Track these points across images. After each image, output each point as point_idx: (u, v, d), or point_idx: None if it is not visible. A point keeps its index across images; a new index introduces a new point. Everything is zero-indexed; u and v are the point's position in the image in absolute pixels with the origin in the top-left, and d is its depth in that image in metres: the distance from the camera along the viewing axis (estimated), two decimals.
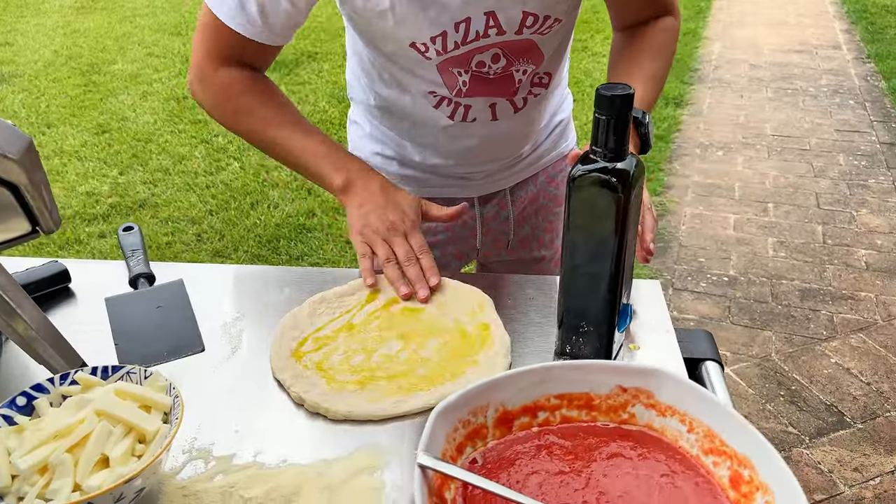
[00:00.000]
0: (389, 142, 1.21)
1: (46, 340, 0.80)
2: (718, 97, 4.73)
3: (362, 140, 1.26)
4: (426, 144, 1.18)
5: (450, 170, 1.20)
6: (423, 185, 1.23)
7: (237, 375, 0.86)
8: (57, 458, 0.64)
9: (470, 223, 1.27)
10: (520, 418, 0.71)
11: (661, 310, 0.96)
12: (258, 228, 3.35)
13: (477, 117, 1.11)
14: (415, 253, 0.99)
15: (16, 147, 0.70)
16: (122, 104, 4.70)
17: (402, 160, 1.22)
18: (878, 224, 3.27)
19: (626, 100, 0.72)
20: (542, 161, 1.28)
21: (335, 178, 1.03)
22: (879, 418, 2.21)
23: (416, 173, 1.22)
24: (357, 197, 1.03)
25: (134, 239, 1.08)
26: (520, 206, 1.29)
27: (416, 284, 0.97)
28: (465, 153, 1.17)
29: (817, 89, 4.84)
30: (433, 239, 1.26)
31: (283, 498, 0.69)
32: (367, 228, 1.00)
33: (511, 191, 1.27)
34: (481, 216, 1.26)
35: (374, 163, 1.24)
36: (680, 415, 0.69)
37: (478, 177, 1.22)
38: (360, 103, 1.23)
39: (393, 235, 0.99)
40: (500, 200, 1.27)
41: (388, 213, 1.00)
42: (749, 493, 0.62)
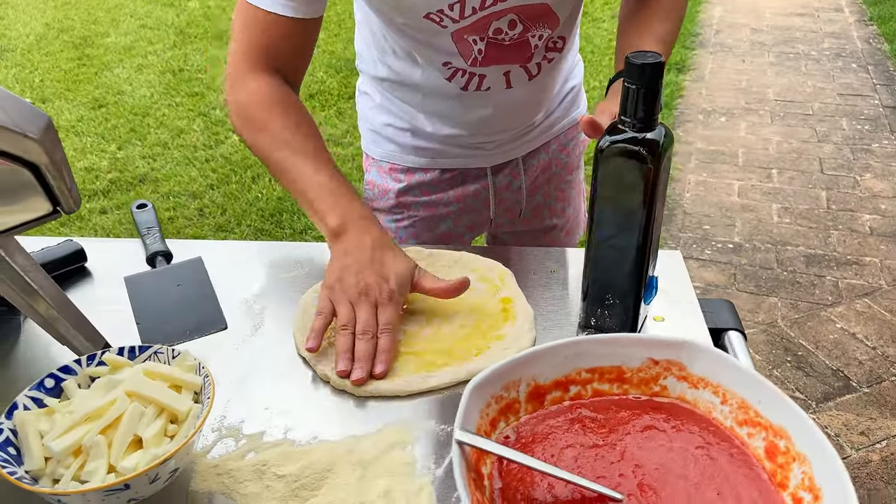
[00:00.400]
0: (401, 113, 1.20)
1: (68, 321, 0.79)
2: (720, 62, 4.69)
3: (372, 111, 1.24)
4: (439, 115, 1.16)
5: (463, 140, 1.19)
6: (436, 155, 1.21)
7: (262, 353, 0.86)
8: (90, 440, 0.64)
9: (483, 193, 1.26)
10: (551, 393, 0.71)
11: (684, 280, 0.96)
12: (260, 202, 3.34)
13: (491, 86, 1.10)
14: (375, 329, 0.85)
15: (35, 126, 0.68)
16: (118, 78, 4.65)
17: (414, 131, 1.20)
18: (882, 188, 3.26)
19: (657, 68, 0.71)
20: (554, 129, 1.27)
21: (330, 220, 0.93)
22: (885, 382, 2.23)
23: (429, 144, 1.21)
24: (345, 246, 0.91)
25: (148, 216, 1.07)
26: (532, 175, 1.28)
27: (357, 362, 0.82)
28: (478, 123, 1.16)
29: (819, 53, 4.79)
30: (446, 210, 1.26)
31: (317, 474, 0.69)
32: (337, 284, 0.88)
33: (523, 160, 1.26)
34: (494, 186, 1.25)
35: (386, 134, 1.22)
36: (713, 386, 0.69)
37: (490, 146, 1.21)
38: (370, 75, 1.21)
39: (363, 301, 0.86)
40: (513, 170, 1.26)
41: (367, 275, 0.87)
42: (785, 463, 0.62)
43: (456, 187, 1.25)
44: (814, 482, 0.59)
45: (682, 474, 0.63)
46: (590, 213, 0.81)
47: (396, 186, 1.24)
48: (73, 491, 0.60)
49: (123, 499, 0.63)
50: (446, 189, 1.24)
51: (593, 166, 0.77)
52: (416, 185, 1.24)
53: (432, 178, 1.23)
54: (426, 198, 1.25)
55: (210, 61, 4.91)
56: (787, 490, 0.61)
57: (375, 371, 0.81)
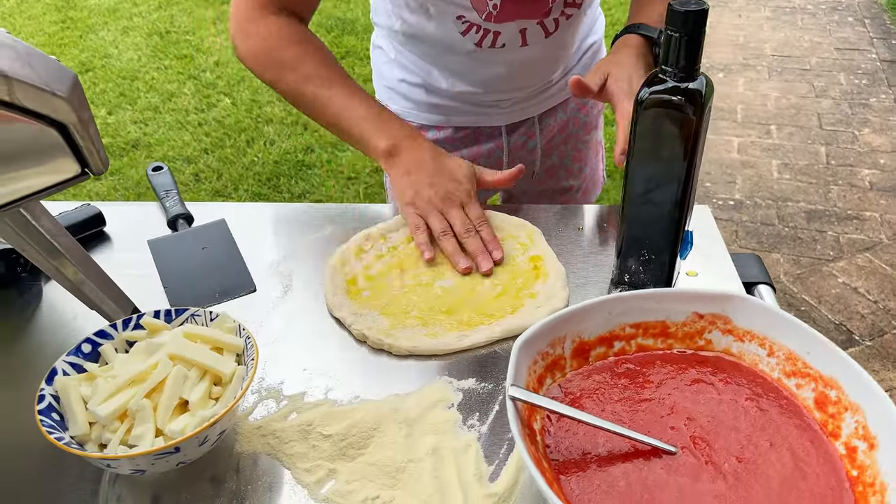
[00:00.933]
0: (415, 68, 1.17)
1: (96, 285, 0.78)
2: (717, 17, 4.64)
3: (386, 66, 1.22)
4: (453, 71, 1.14)
5: (478, 97, 1.17)
6: (450, 113, 1.19)
7: (294, 314, 0.85)
8: (136, 404, 0.63)
9: (497, 153, 1.24)
10: (596, 349, 0.71)
11: (715, 235, 0.95)
12: (256, 166, 3.29)
13: (506, 43, 1.07)
14: (473, 224, 0.92)
15: (63, 84, 0.66)
16: (103, 40, 4.54)
17: (428, 87, 1.18)
18: (880, 143, 3.26)
19: (701, 16, 0.69)
20: None
21: (380, 142, 0.96)
22: (887, 335, 2.25)
23: (443, 101, 1.18)
24: (404, 164, 0.96)
25: (165, 178, 1.05)
26: (548, 135, 1.26)
27: (476, 257, 0.90)
28: (493, 80, 1.14)
29: (815, 7, 4.74)
30: None
31: (363, 433, 0.68)
32: (419, 199, 0.93)
33: (539, 118, 1.23)
34: (508, 146, 1.24)
35: (400, 90, 1.20)
36: (759, 339, 0.69)
37: (506, 104, 1.19)
38: (384, 28, 1.18)
39: (448, 206, 0.93)
40: (528, 129, 1.24)
41: (442, 182, 0.94)
42: (837, 413, 0.62)
43: (470, 146, 1.22)
44: (868, 430, 0.59)
45: (734, 426, 0.63)
46: (626, 167, 0.80)
47: None
48: (123, 455, 0.59)
49: (173, 462, 0.63)
50: (460, 148, 1.22)
51: (632, 119, 0.76)
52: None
53: (446, 136, 1.21)
54: None
55: (197, 23, 4.80)
56: (840, 439, 0.61)
57: (495, 257, 0.90)
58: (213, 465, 0.68)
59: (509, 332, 0.81)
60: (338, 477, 0.66)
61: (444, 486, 0.64)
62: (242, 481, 0.66)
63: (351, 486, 0.64)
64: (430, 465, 0.65)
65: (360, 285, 0.88)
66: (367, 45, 4.61)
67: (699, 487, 0.59)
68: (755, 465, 0.60)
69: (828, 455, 0.61)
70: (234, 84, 3.98)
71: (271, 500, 0.65)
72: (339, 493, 0.64)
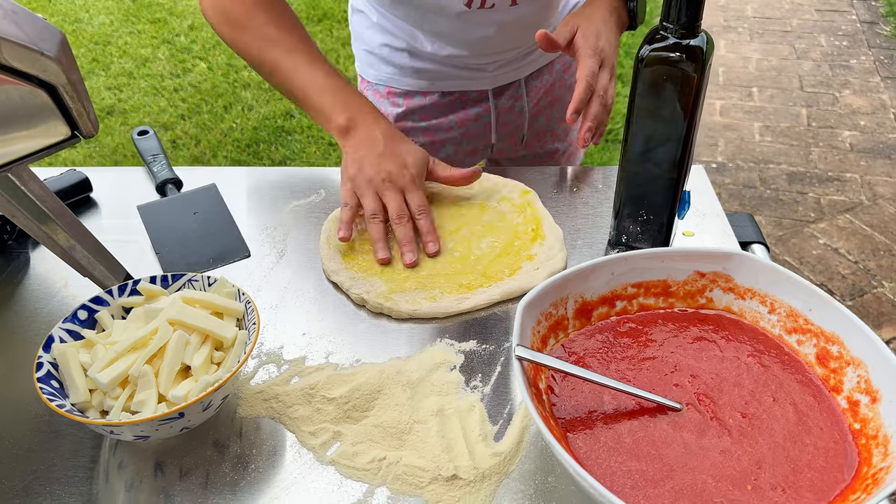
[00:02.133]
0: (399, 31, 1.14)
1: (87, 251, 0.76)
2: None
3: (368, 30, 1.18)
4: (439, 34, 1.11)
5: (463, 60, 1.14)
6: (435, 77, 1.17)
7: (290, 279, 0.84)
8: (138, 370, 0.62)
9: (484, 117, 1.22)
10: (598, 308, 0.71)
11: (710, 195, 0.95)
12: (235, 133, 3.24)
13: (496, 3, 1.05)
14: (410, 212, 0.87)
15: (51, 43, 0.64)
16: (73, 4, 4.41)
17: (412, 51, 1.15)
18: (860, 105, 3.28)
19: None
20: None
21: (337, 116, 0.92)
22: (867, 295, 2.29)
23: (427, 65, 1.16)
24: (356, 141, 0.91)
25: (151, 143, 1.03)
26: (535, 97, 1.24)
27: (403, 246, 0.85)
28: (480, 42, 1.12)
29: None
30: (447, 136, 1.22)
31: (367, 395, 0.68)
32: (359, 175, 0.88)
33: (526, 81, 1.21)
34: (496, 109, 1.22)
35: (382, 54, 1.17)
36: (760, 296, 0.69)
37: (492, 67, 1.17)
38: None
39: (387, 189, 0.87)
40: (515, 92, 1.22)
41: (386, 162, 0.89)
42: (839, 368, 0.63)
43: (457, 111, 1.20)
44: (871, 384, 0.60)
45: (737, 382, 0.64)
46: (626, 126, 0.79)
47: (394, 111, 1.20)
48: (127, 421, 0.59)
49: (177, 427, 0.62)
50: (446, 114, 1.20)
51: (632, 77, 0.75)
52: (415, 109, 1.19)
53: (431, 101, 1.19)
54: (425, 123, 1.20)
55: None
56: (842, 394, 0.62)
57: (429, 251, 0.86)
58: (216, 430, 0.67)
59: (508, 295, 0.81)
60: (343, 439, 0.65)
61: (450, 445, 0.64)
62: (246, 445, 0.66)
63: (356, 448, 0.64)
64: (435, 426, 0.65)
65: (356, 249, 0.87)
66: (345, 7, 4.52)
67: (704, 443, 0.59)
68: (759, 420, 0.61)
69: (830, 409, 0.62)
70: (209, 48, 3.90)
71: (276, 463, 0.65)
72: (346, 454, 0.64)
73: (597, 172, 1.01)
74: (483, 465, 0.62)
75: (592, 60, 0.90)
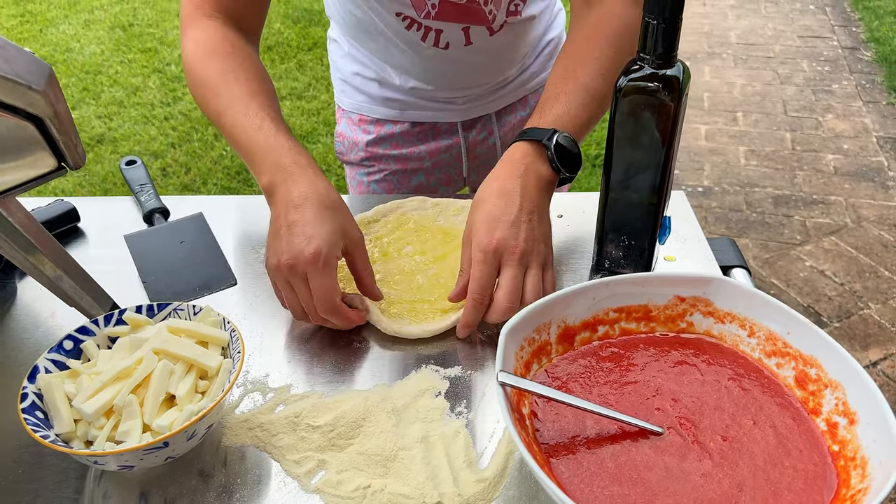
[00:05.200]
0: (368, 62, 1.15)
1: (74, 281, 0.77)
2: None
3: (342, 59, 1.20)
4: (403, 67, 1.12)
5: (430, 93, 1.14)
6: (405, 107, 1.17)
7: (276, 307, 0.84)
8: (123, 400, 0.62)
9: (455, 149, 1.22)
10: (581, 333, 0.71)
11: (691, 220, 0.97)
12: (225, 160, 3.26)
13: (450, 42, 1.05)
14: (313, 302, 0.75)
15: (39, 77, 0.65)
16: (64, 34, 4.44)
17: (381, 81, 1.16)
18: (843, 129, 3.33)
19: (677, 2, 0.70)
20: (530, 84, 1.21)
21: (261, 178, 0.81)
22: (854, 317, 2.31)
23: (397, 95, 1.16)
24: (274, 209, 0.79)
25: (139, 172, 1.04)
26: (507, 131, 1.23)
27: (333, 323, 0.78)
28: (443, 78, 1.12)
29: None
30: (418, 165, 1.22)
31: (352, 423, 0.68)
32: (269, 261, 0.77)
33: (497, 115, 1.21)
34: (465, 142, 1.21)
35: (355, 83, 1.18)
36: (740, 320, 0.70)
37: (460, 101, 1.16)
38: (337, 21, 1.16)
39: (292, 276, 0.75)
40: (486, 125, 1.21)
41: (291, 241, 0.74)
42: (817, 390, 0.64)
43: (428, 142, 1.21)
44: (848, 406, 0.61)
45: (718, 406, 0.65)
46: (606, 155, 0.80)
47: (366, 138, 1.20)
48: (112, 451, 0.59)
49: (161, 457, 0.62)
50: (417, 143, 1.21)
51: (611, 107, 0.77)
52: (386, 137, 1.20)
53: (402, 130, 1.19)
54: (396, 151, 1.21)
55: (161, 15, 4.72)
56: (821, 416, 0.63)
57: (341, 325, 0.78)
58: (201, 460, 0.67)
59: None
60: (328, 467, 0.66)
61: (435, 472, 0.64)
62: (231, 475, 0.66)
63: (341, 476, 0.65)
64: (420, 453, 0.66)
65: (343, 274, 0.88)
66: None
67: (686, 466, 0.60)
68: (740, 443, 0.61)
69: (809, 431, 0.62)
70: None
71: (261, 492, 0.65)
72: (330, 483, 0.64)
73: (580, 199, 1.03)
74: (467, 491, 0.63)
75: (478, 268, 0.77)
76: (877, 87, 3.68)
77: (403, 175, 1.23)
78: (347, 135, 1.23)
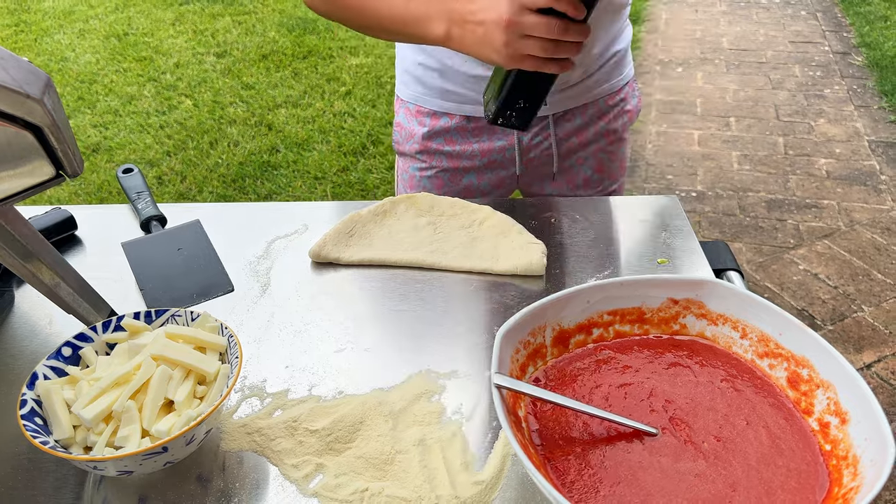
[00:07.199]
0: (434, 50, 1.14)
1: (72, 288, 0.77)
2: (674, 13, 4.72)
3: (409, 49, 1.19)
4: None
5: None
6: (463, 101, 1.16)
7: (274, 312, 0.85)
8: (121, 406, 0.63)
9: (509, 150, 1.21)
10: (575, 336, 0.72)
11: (684, 223, 0.97)
12: (221, 168, 3.26)
13: None
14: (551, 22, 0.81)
15: (36, 86, 0.65)
16: (59, 44, 4.45)
17: (444, 71, 1.15)
18: (835, 133, 3.35)
19: None
20: (593, 92, 1.19)
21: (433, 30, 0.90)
22: (847, 319, 2.32)
23: (457, 87, 1.15)
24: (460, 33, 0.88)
25: (136, 181, 1.04)
26: (564, 136, 1.22)
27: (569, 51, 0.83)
28: None
29: (769, 1, 4.85)
30: (470, 163, 1.22)
31: (350, 427, 0.69)
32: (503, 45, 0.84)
33: (555, 119, 1.19)
34: (520, 143, 1.20)
35: (416, 73, 1.18)
36: (732, 322, 0.71)
37: None
38: None
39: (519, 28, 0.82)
40: (543, 128, 1.20)
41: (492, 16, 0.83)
42: (809, 391, 0.65)
43: (481, 140, 1.20)
44: (840, 406, 0.61)
45: (711, 406, 0.65)
46: None
47: (422, 130, 1.21)
48: (111, 456, 0.59)
49: (160, 462, 0.62)
50: (471, 140, 1.20)
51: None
52: (440, 131, 1.19)
53: (458, 124, 1.18)
54: (449, 147, 1.21)
55: (156, 24, 4.73)
56: (813, 416, 0.64)
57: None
58: (199, 465, 0.68)
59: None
60: (326, 471, 0.66)
61: (432, 475, 0.64)
62: (229, 479, 0.67)
63: (339, 480, 0.65)
64: (417, 456, 0.66)
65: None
66: (329, 45, 4.58)
67: (680, 466, 0.60)
68: (733, 443, 0.62)
69: (802, 431, 0.63)
70: (195, 85, 3.94)
71: (259, 497, 0.65)
72: (328, 487, 0.65)
73: (573, 203, 1.03)
74: (464, 493, 0.63)
75: None
76: (868, 92, 3.70)
77: (455, 174, 1.23)
78: (405, 125, 1.24)
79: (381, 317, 0.85)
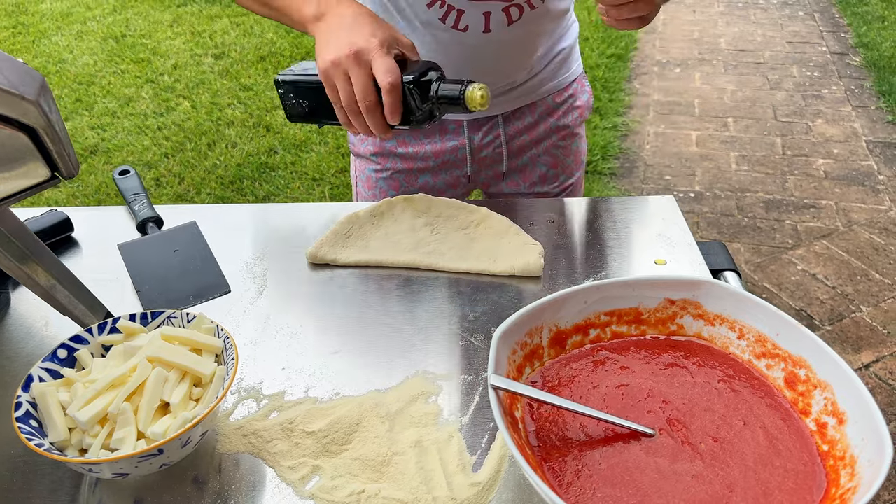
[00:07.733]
0: None
1: (68, 290, 0.77)
2: (672, 13, 4.72)
3: None
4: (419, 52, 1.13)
5: None
6: None
7: (270, 314, 0.85)
8: (117, 408, 0.62)
9: (460, 150, 1.23)
10: (572, 337, 0.72)
11: (681, 224, 0.97)
12: (219, 170, 3.26)
13: (469, 25, 1.06)
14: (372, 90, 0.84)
15: (31, 87, 0.65)
16: (57, 46, 4.45)
17: None
18: (833, 133, 3.35)
19: None
20: (540, 90, 1.22)
21: (307, 9, 0.91)
22: (846, 319, 2.32)
23: None
24: (325, 24, 0.88)
25: (133, 182, 1.04)
26: (514, 136, 1.24)
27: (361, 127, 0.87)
28: (455, 67, 1.12)
29: (767, 1, 4.86)
30: (424, 164, 1.23)
31: (346, 429, 0.69)
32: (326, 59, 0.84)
33: (504, 118, 1.22)
34: (470, 142, 1.23)
35: None
36: (729, 322, 0.71)
37: None
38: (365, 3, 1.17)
39: (352, 66, 0.83)
40: (492, 128, 1.23)
41: (353, 35, 0.84)
42: (806, 391, 0.64)
43: (433, 140, 1.22)
44: (837, 407, 0.61)
45: (708, 407, 0.65)
46: None
47: None
48: (106, 459, 0.59)
49: (156, 464, 0.62)
50: (423, 142, 1.22)
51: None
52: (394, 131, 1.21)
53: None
54: (403, 149, 1.22)
55: (153, 26, 4.73)
56: (810, 417, 0.63)
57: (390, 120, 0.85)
58: (195, 467, 0.68)
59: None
60: (322, 473, 0.66)
61: (428, 477, 0.64)
62: (226, 481, 0.66)
63: (336, 482, 0.65)
64: (414, 458, 0.66)
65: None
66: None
67: (677, 467, 0.60)
68: (730, 444, 0.62)
69: (799, 432, 0.63)
70: (192, 87, 3.94)
71: (255, 499, 0.65)
72: (324, 488, 0.64)
73: (572, 204, 1.03)
74: (461, 495, 0.63)
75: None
76: (866, 92, 3.71)
77: (409, 174, 1.25)
78: None
79: (378, 318, 0.85)
